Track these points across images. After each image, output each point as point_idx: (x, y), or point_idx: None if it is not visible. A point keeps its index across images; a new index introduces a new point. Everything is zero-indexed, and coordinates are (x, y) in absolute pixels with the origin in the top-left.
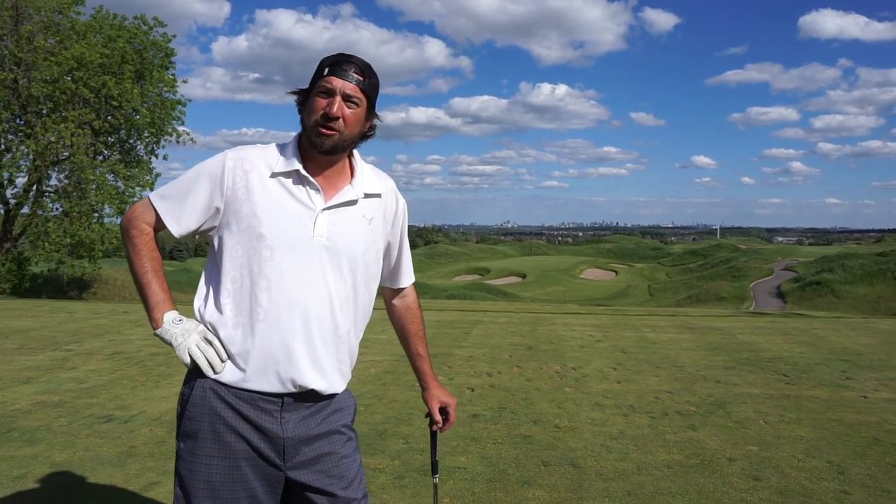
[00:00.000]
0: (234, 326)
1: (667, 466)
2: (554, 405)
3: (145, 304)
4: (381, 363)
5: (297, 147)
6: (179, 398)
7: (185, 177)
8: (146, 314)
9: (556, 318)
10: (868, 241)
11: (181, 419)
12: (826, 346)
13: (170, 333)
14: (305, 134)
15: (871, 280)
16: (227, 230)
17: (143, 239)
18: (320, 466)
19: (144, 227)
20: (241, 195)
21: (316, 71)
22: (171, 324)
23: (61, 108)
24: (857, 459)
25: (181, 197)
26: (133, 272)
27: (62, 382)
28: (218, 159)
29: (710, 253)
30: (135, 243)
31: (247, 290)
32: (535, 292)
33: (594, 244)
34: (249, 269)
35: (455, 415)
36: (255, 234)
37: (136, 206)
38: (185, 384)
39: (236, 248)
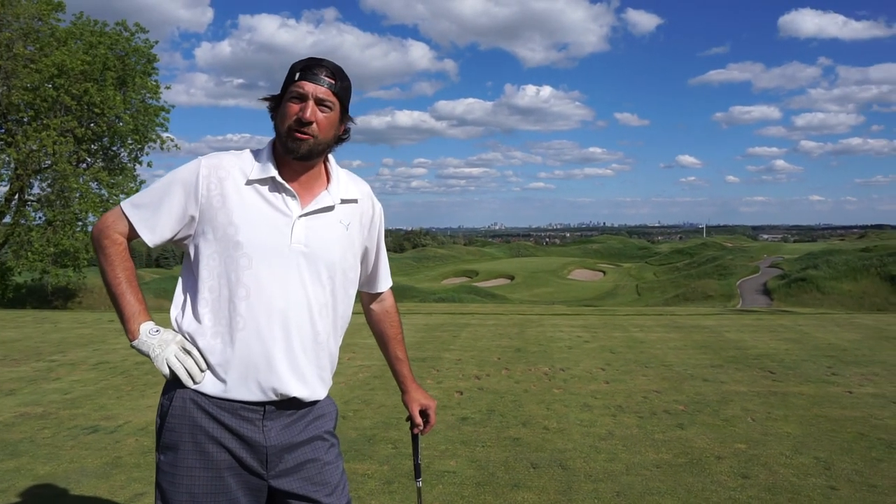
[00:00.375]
0: (213, 336)
1: (656, 466)
2: (543, 407)
3: (120, 316)
4: (369, 368)
5: (272, 153)
6: (158, 410)
7: (157, 185)
8: (120, 320)
9: (545, 320)
10: (852, 238)
11: (161, 431)
12: (812, 343)
13: (147, 344)
14: (280, 140)
15: (855, 276)
16: (202, 238)
17: (115, 249)
18: (304, 474)
19: (117, 236)
20: (217, 203)
21: (287, 76)
22: (147, 335)
23: (42, 115)
24: (843, 455)
25: (154, 205)
26: (106, 283)
27: (46, 393)
28: (191, 167)
29: (697, 252)
30: (107, 254)
31: (225, 299)
32: (523, 294)
33: (581, 245)
34: (227, 278)
35: (435, 417)
36: (231, 243)
37: (107, 216)
38: (164, 395)
39: (213, 256)
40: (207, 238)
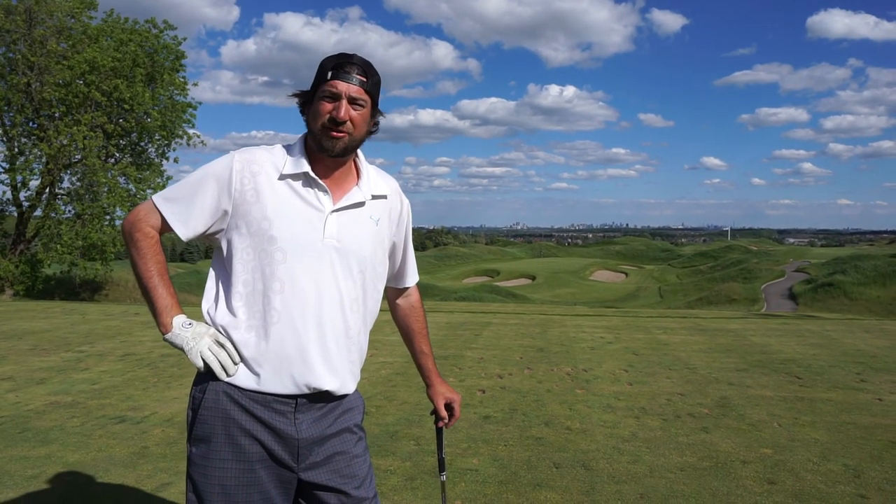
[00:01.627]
0: (247, 329)
1: (679, 469)
2: (565, 407)
3: (152, 309)
4: (391, 364)
5: (304, 148)
6: (190, 402)
7: (190, 179)
8: (153, 318)
9: (567, 320)
10: (881, 243)
11: (193, 424)
12: (839, 348)
13: (180, 337)
14: (313, 137)
15: (884, 282)
16: (236, 233)
17: (147, 242)
18: (333, 466)
19: (149, 230)
20: (250, 198)
21: (318, 73)
22: (180, 327)
23: (74, 111)
24: (873, 463)
25: (187, 199)
26: (138, 276)
27: (75, 383)
28: (225, 161)
29: (721, 255)
30: (139, 247)
31: (259, 292)
32: (544, 294)
33: (604, 246)
34: (262, 272)
35: (460, 410)
36: (266, 237)
37: (139, 209)
38: (196, 388)
39: (247, 250)
40: (241, 232)
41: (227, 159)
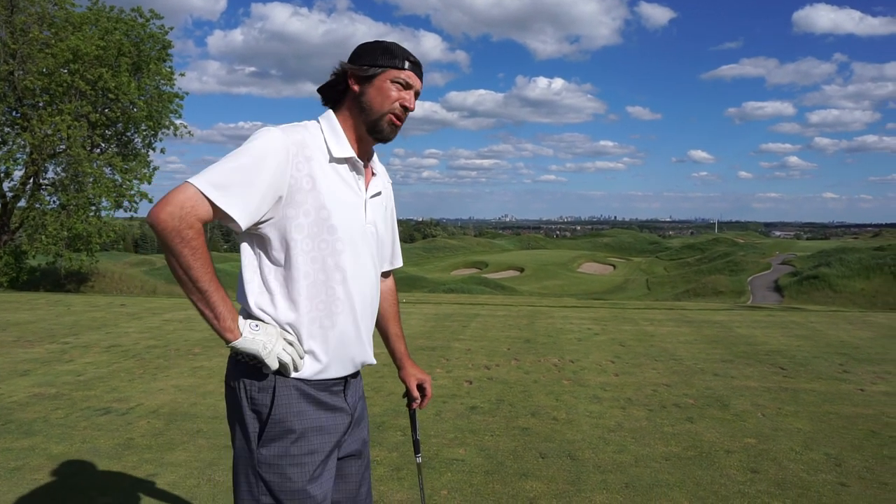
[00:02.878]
0: (310, 321)
1: (664, 458)
2: (552, 398)
3: (211, 314)
4: (378, 356)
5: (343, 131)
6: (247, 403)
7: (240, 162)
8: (211, 325)
9: (555, 312)
10: (865, 236)
11: (264, 425)
12: (823, 340)
13: (254, 342)
14: (369, 118)
15: (868, 274)
16: (291, 222)
17: (201, 240)
18: (358, 434)
19: (199, 224)
20: (306, 185)
21: (384, 57)
22: (250, 331)
23: (57, 100)
24: (854, 452)
25: (244, 185)
26: (192, 279)
27: (59, 375)
28: (278, 142)
29: (708, 247)
30: (194, 246)
31: (322, 283)
32: (533, 286)
33: (592, 238)
34: (323, 263)
35: (432, 391)
36: (326, 226)
37: (180, 199)
38: (251, 386)
39: (305, 241)
40: (297, 221)
41: (278, 140)
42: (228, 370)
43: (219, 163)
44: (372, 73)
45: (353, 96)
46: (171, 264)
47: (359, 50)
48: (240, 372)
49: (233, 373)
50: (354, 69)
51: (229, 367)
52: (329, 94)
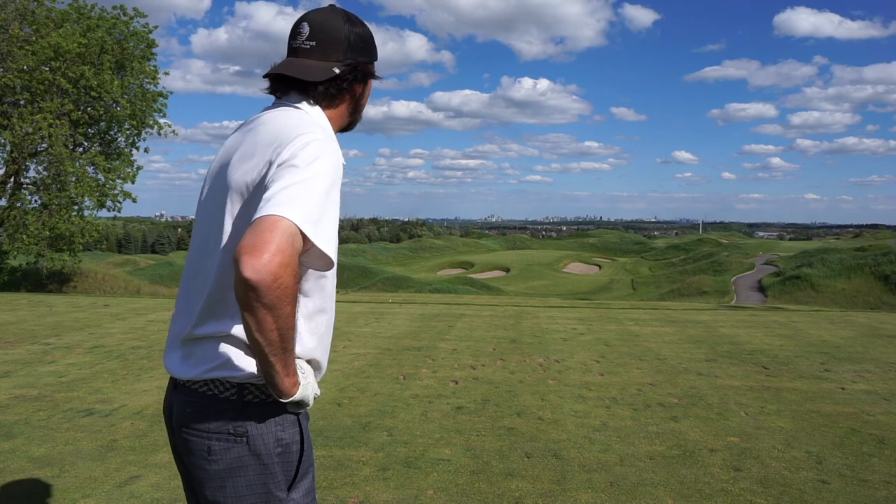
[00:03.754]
0: (320, 350)
1: (649, 458)
2: (537, 397)
3: (284, 371)
4: (364, 356)
5: None
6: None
7: (320, 187)
8: (275, 382)
9: (540, 312)
10: (847, 236)
11: (298, 465)
12: (805, 339)
13: (305, 389)
14: (354, 120)
15: (849, 274)
16: None
17: (298, 289)
18: None
19: (298, 271)
20: (339, 200)
21: (372, 51)
22: (302, 378)
23: (38, 98)
24: (834, 449)
25: (332, 218)
26: (284, 339)
27: (41, 376)
28: (337, 160)
29: (693, 247)
30: (295, 299)
31: (325, 312)
32: (518, 286)
33: (578, 238)
34: (323, 290)
35: None
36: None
37: (288, 244)
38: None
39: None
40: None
41: (335, 156)
42: (221, 418)
43: (298, 186)
44: (372, 72)
45: (353, 96)
46: (265, 328)
47: (368, 39)
48: (257, 414)
49: (238, 418)
50: (365, 67)
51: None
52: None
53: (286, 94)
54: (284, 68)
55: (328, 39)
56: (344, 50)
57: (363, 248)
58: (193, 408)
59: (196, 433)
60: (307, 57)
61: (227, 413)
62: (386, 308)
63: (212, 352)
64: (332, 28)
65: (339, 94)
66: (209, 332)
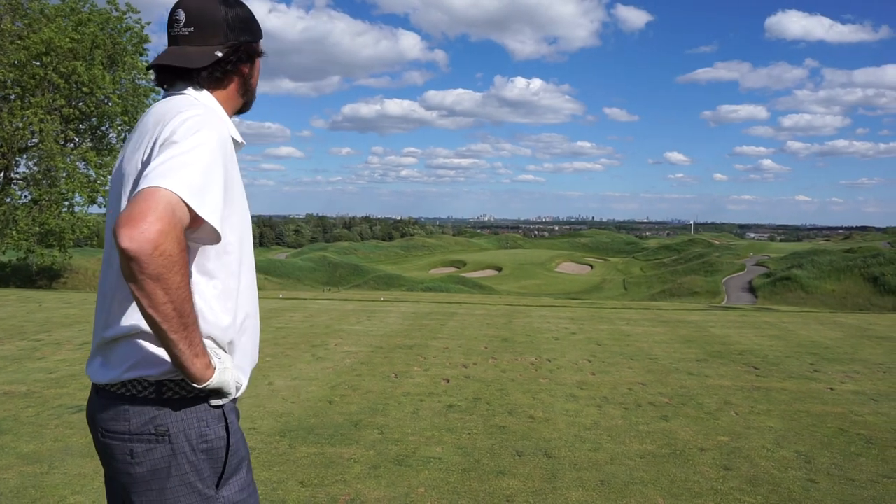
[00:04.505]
0: (240, 331)
1: (639, 456)
2: (529, 396)
3: (191, 351)
4: (356, 354)
5: None
6: (199, 443)
7: (201, 157)
8: (185, 365)
9: (532, 311)
10: (836, 238)
11: (225, 461)
12: (795, 340)
13: (222, 375)
14: (248, 101)
15: (839, 276)
16: (226, 222)
17: (187, 259)
18: None
19: (185, 240)
20: (234, 173)
21: (256, 28)
22: (219, 363)
23: (29, 93)
24: (823, 449)
25: (217, 185)
26: (181, 313)
27: (31, 373)
28: (218, 126)
29: (684, 248)
30: (185, 268)
31: (247, 289)
32: (510, 285)
33: (570, 238)
34: (240, 264)
35: None
36: (246, 224)
37: (169, 212)
38: (207, 423)
39: (236, 243)
40: (231, 221)
41: (219, 129)
42: (141, 418)
43: (177, 158)
44: (258, 51)
45: (242, 77)
46: (156, 301)
47: (248, 19)
48: (178, 411)
49: (158, 417)
50: (249, 47)
51: (144, 415)
52: (187, 74)
53: (173, 85)
54: (165, 58)
55: (206, 24)
56: (224, 32)
57: (355, 246)
58: (113, 411)
59: (117, 437)
60: (187, 44)
61: (146, 413)
62: (378, 306)
63: (126, 352)
64: (208, 12)
65: (225, 76)
66: (121, 333)
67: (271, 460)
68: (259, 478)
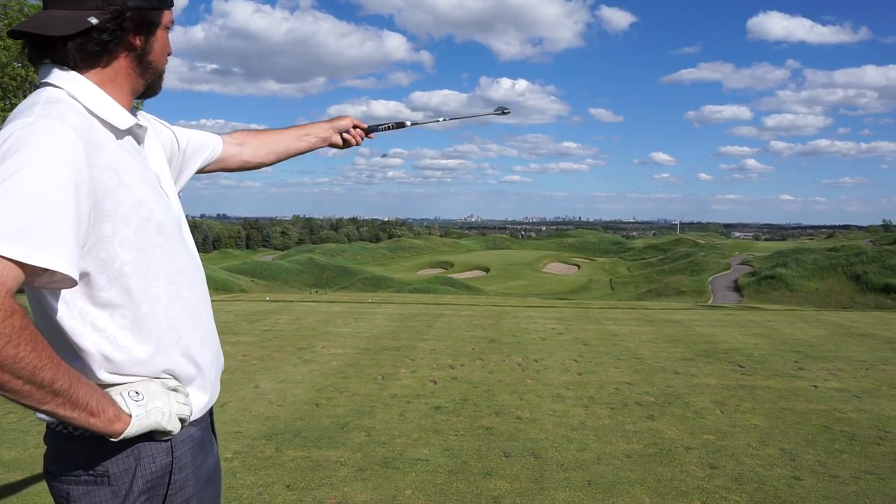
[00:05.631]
0: (182, 352)
1: (626, 456)
2: (516, 397)
3: (84, 413)
4: (343, 356)
5: (108, 96)
6: (147, 482)
7: (26, 185)
8: (86, 425)
9: (519, 312)
10: (820, 237)
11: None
12: (780, 338)
13: (152, 414)
14: (150, 79)
15: (822, 274)
16: (113, 241)
17: (29, 322)
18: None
19: (15, 303)
20: (111, 181)
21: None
22: (136, 405)
23: (10, 94)
24: (807, 446)
25: (59, 214)
26: (40, 384)
27: None
28: (61, 138)
29: (670, 248)
30: (28, 337)
31: (175, 300)
32: (498, 286)
33: (557, 238)
34: (167, 276)
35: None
36: (152, 228)
37: None
38: (151, 459)
39: (138, 258)
40: (121, 236)
41: (60, 134)
42: (78, 459)
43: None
44: (157, 20)
45: (134, 53)
46: (3, 387)
47: None
48: (118, 450)
49: (99, 455)
50: (141, 15)
51: (81, 454)
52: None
53: (40, 60)
54: (25, 24)
55: None
56: (114, 2)
57: (342, 247)
58: (52, 451)
59: (56, 478)
60: (56, 7)
61: (84, 452)
62: (365, 308)
63: None
64: None
65: (103, 49)
66: None
67: (257, 464)
68: (245, 482)
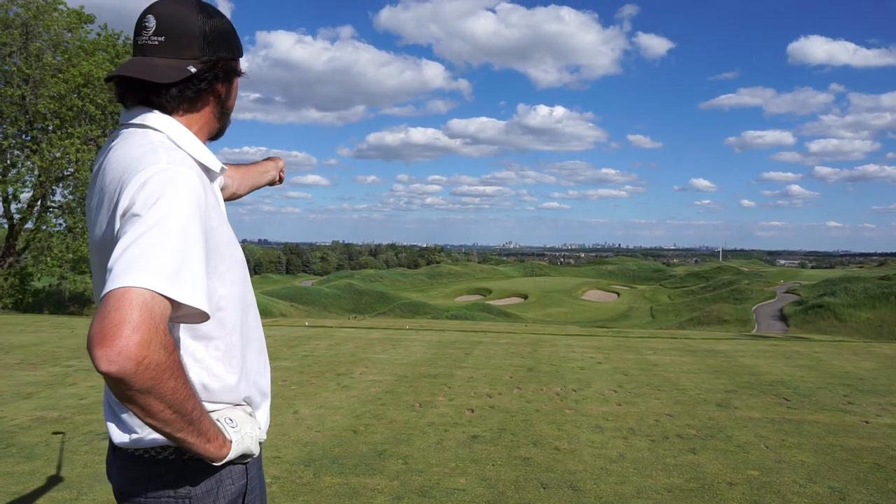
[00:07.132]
0: (254, 383)
1: (667, 490)
2: (554, 427)
3: (202, 439)
4: (381, 383)
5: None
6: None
7: (171, 230)
8: (195, 450)
9: (558, 340)
10: (870, 265)
11: None
12: (827, 370)
13: (245, 440)
14: (222, 120)
15: (873, 304)
16: (213, 275)
17: (178, 357)
18: None
19: (171, 340)
20: (215, 221)
21: (237, 44)
22: (234, 431)
23: (67, 124)
24: (858, 485)
25: (192, 261)
26: (183, 414)
27: (62, 398)
28: (189, 188)
29: (713, 275)
30: (177, 369)
31: (239, 345)
32: (536, 313)
33: (596, 265)
34: (244, 309)
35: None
36: (238, 264)
37: (146, 316)
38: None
39: (231, 293)
40: (220, 272)
41: (190, 181)
42: (160, 481)
43: (143, 240)
44: (237, 69)
45: (217, 98)
46: (152, 412)
47: (227, 32)
48: (200, 473)
49: (181, 479)
50: (227, 64)
51: (164, 478)
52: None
53: (135, 103)
54: (129, 69)
55: (179, 34)
56: (199, 45)
57: (381, 273)
58: (132, 474)
59: (134, 500)
60: (155, 55)
61: (166, 476)
62: (403, 334)
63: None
64: (183, 20)
65: (198, 96)
66: None
67: (295, 490)
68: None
